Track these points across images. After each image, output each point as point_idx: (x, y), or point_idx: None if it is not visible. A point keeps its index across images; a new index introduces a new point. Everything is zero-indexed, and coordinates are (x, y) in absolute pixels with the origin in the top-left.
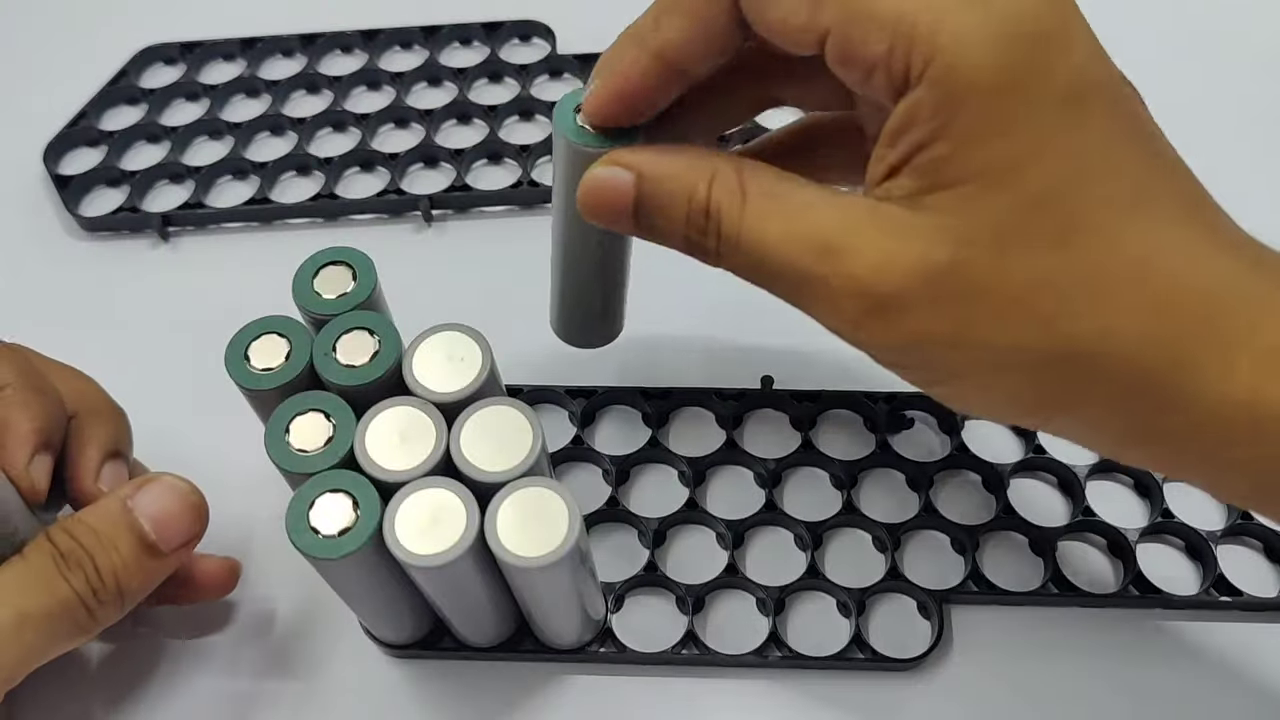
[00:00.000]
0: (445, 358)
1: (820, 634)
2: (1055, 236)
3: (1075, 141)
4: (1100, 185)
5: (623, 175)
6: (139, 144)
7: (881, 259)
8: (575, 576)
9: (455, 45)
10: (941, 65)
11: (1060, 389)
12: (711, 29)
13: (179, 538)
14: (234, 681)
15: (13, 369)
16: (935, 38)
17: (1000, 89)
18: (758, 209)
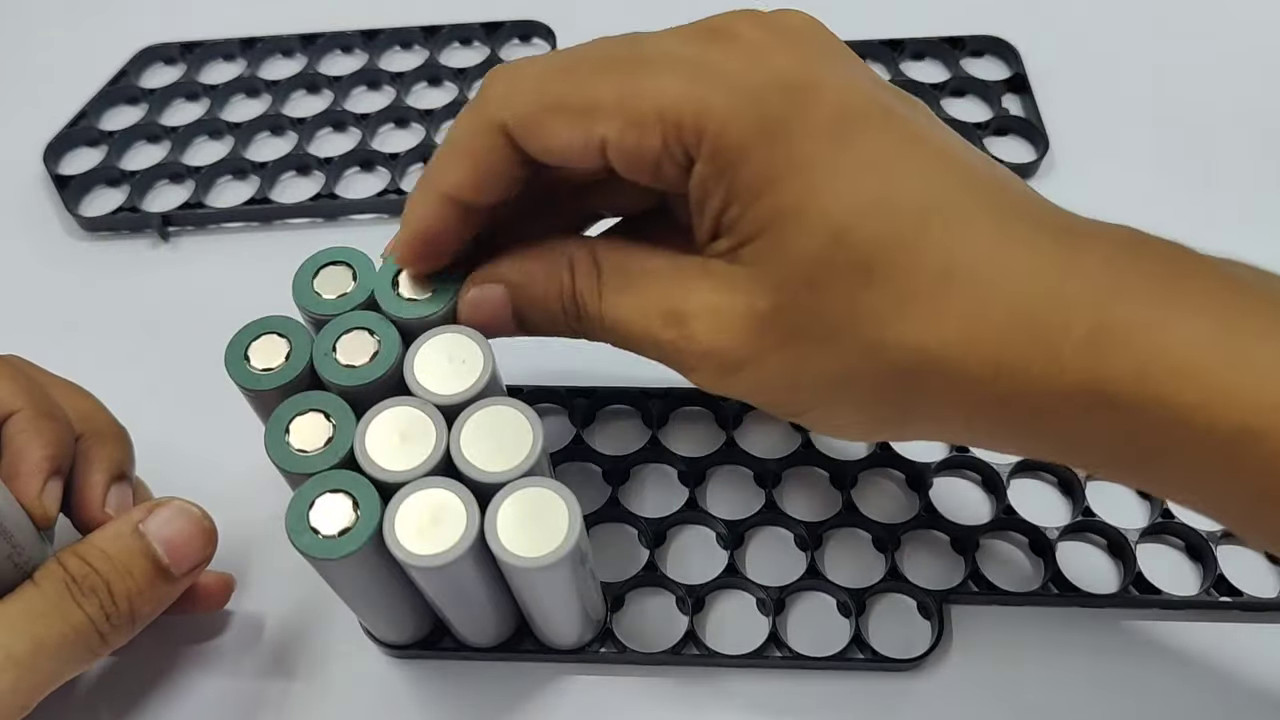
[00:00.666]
0: (446, 360)
1: (820, 634)
2: (857, 264)
3: (847, 167)
4: (885, 206)
5: (493, 290)
6: (139, 144)
7: (716, 320)
8: (575, 576)
9: (455, 45)
10: (710, 139)
11: (900, 406)
12: (492, 167)
13: (190, 561)
14: (234, 681)
15: (21, 392)
16: (698, 120)
17: (764, 140)
18: (611, 287)
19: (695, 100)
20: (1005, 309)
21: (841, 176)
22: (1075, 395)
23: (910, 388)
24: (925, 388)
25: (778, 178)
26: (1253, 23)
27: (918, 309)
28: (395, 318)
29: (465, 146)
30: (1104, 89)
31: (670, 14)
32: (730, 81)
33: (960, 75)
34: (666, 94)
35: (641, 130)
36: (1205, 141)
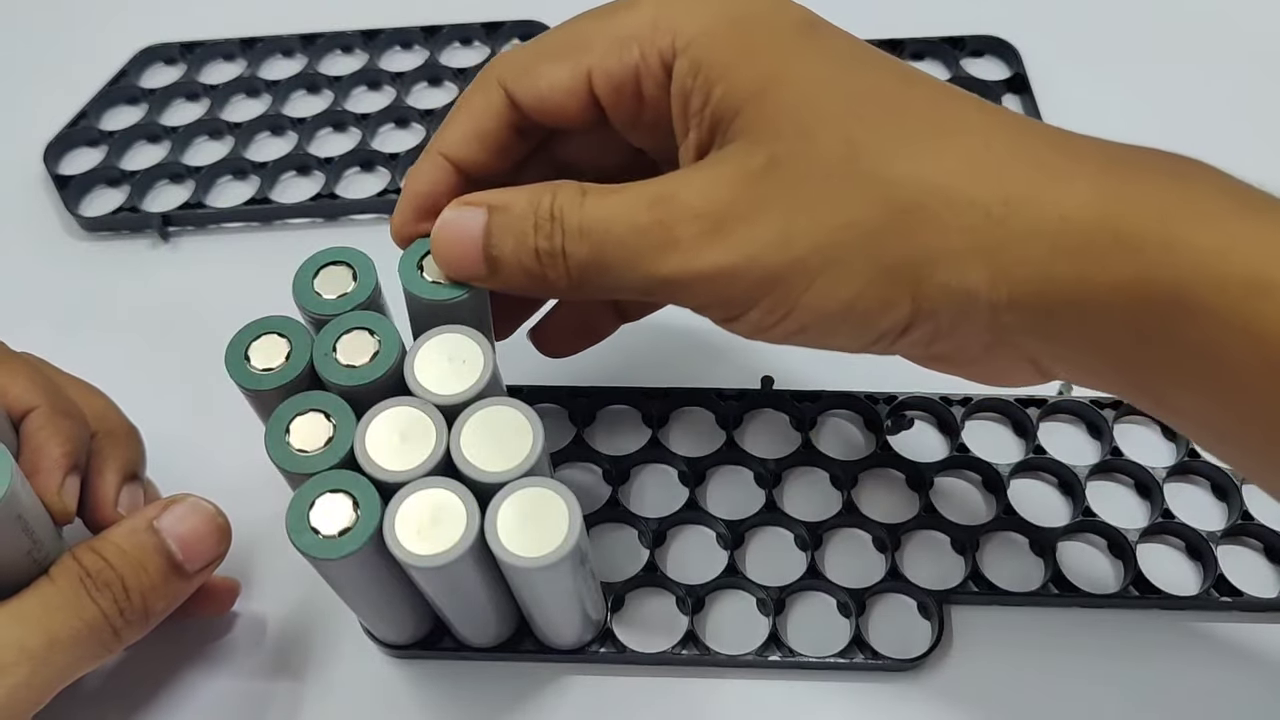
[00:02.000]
0: (446, 360)
1: (820, 634)
2: (848, 110)
3: (819, 47)
4: (865, 67)
5: (474, 211)
6: (139, 144)
7: (705, 184)
8: (575, 576)
9: (455, 45)
10: (686, 36)
11: (909, 270)
12: (487, 124)
13: (204, 558)
14: (234, 682)
15: (39, 390)
16: (673, 21)
17: (734, 30)
18: (596, 198)
19: (667, 14)
20: (1006, 148)
21: (817, 50)
22: (1094, 232)
23: (916, 234)
24: (932, 230)
25: (754, 53)
26: (1252, 23)
27: (915, 145)
28: (422, 297)
29: (464, 105)
30: (1104, 89)
31: None
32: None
33: (960, 75)
34: (643, 15)
35: (621, 49)
36: (1205, 142)
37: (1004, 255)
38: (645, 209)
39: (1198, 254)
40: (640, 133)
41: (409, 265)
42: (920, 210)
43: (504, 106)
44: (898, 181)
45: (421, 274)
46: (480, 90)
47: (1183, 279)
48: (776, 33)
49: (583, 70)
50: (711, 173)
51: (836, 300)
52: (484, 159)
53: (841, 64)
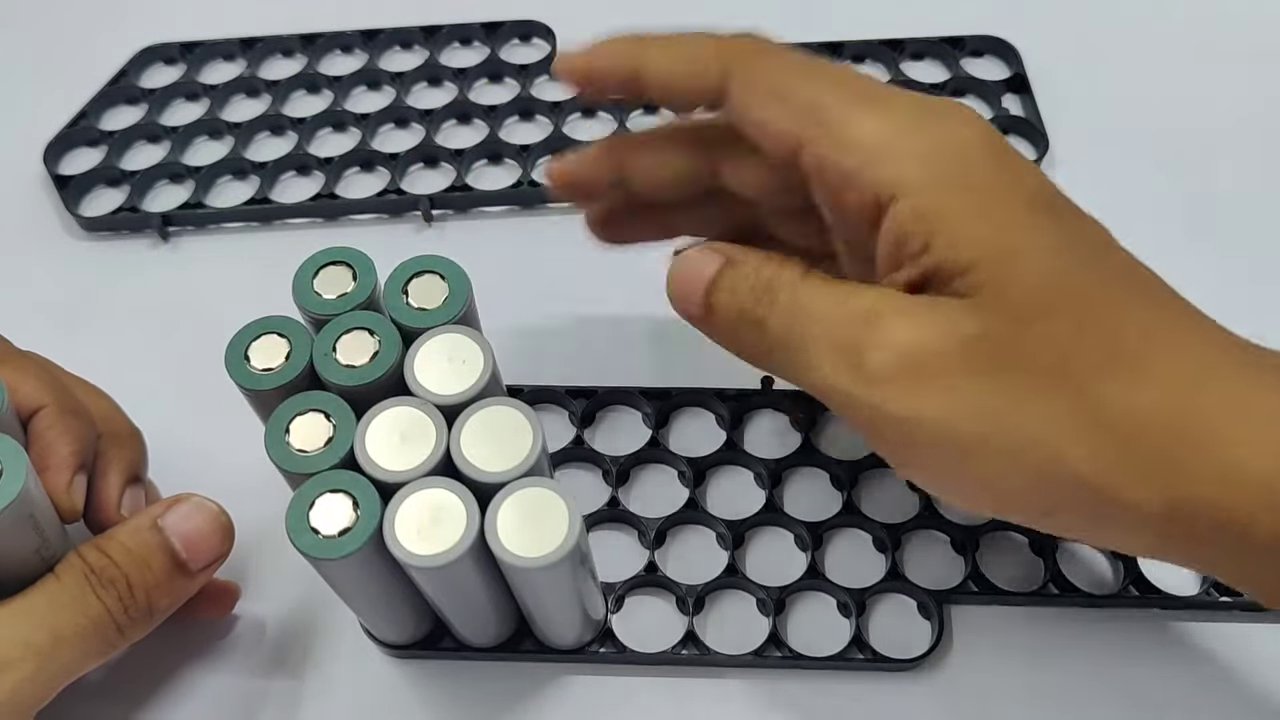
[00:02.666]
0: (446, 360)
1: (820, 634)
2: (1071, 310)
3: (1056, 229)
4: (1098, 267)
5: (713, 257)
6: (139, 144)
7: (917, 326)
8: (575, 576)
9: (455, 45)
10: (915, 182)
11: (1089, 475)
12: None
13: (208, 556)
14: (234, 681)
15: (46, 389)
16: (902, 163)
17: (976, 187)
18: (816, 283)
19: (899, 149)
20: (1219, 385)
21: (1051, 233)
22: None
23: (1106, 454)
24: (1126, 454)
25: (989, 219)
26: (1252, 22)
27: (1128, 367)
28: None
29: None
30: (1104, 89)
31: (670, 14)
32: (933, 139)
33: (960, 75)
34: (875, 133)
35: (840, 150)
36: (1205, 141)
37: (1195, 489)
38: (853, 320)
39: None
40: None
41: (394, 291)
42: (1117, 433)
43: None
44: (1104, 402)
45: (406, 299)
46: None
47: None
48: (1013, 203)
49: (792, 136)
50: (926, 318)
51: (1004, 486)
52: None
53: (1073, 254)
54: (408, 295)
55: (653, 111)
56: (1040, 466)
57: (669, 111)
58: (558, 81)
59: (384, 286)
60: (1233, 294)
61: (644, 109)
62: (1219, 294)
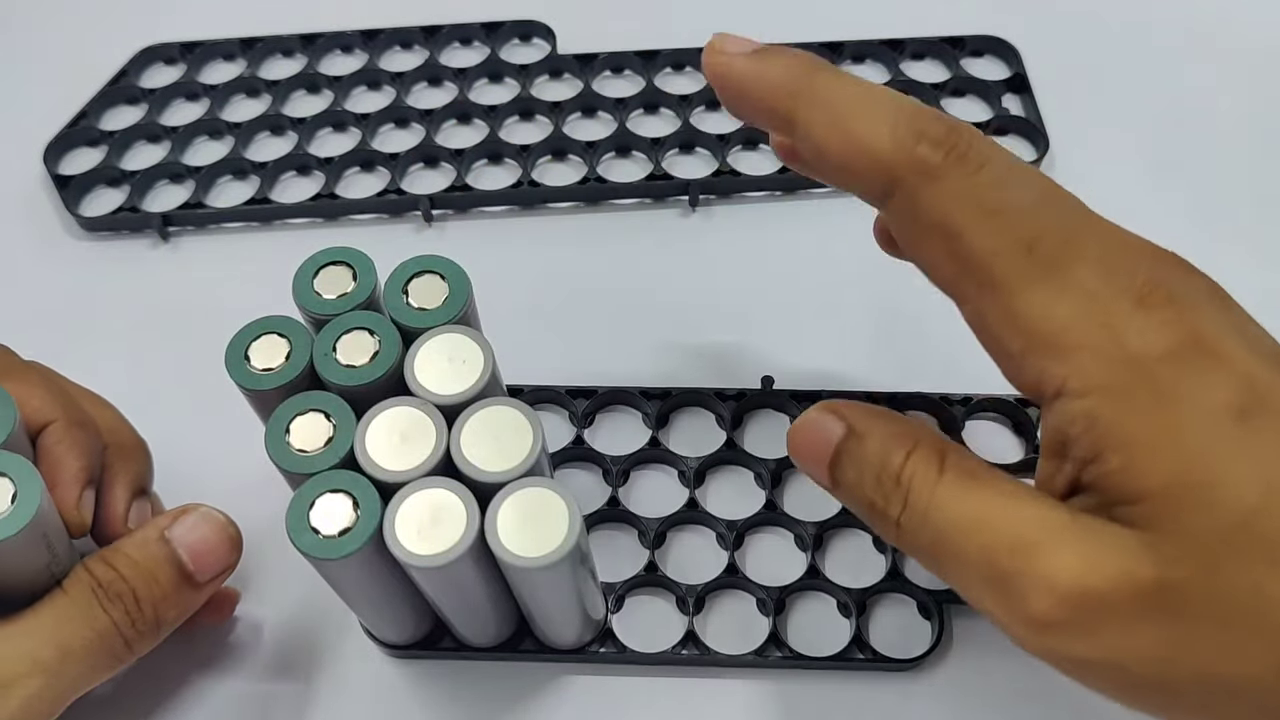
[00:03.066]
0: (446, 360)
1: (820, 634)
2: (1270, 547)
3: (1256, 449)
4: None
5: (834, 424)
6: (139, 144)
7: (1083, 565)
8: (575, 576)
9: (455, 45)
10: (1091, 379)
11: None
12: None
13: (215, 568)
14: (234, 681)
15: (55, 403)
16: (1076, 355)
17: (1163, 397)
18: (953, 486)
19: (1079, 333)
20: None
21: (1247, 460)
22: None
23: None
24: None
25: (1166, 442)
26: (1252, 22)
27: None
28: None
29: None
30: (1104, 89)
31: (671, 15)
32: (1117, 342)
33: (960, 75)
34: (1052, 317)
35: (1003, 323)
36: (1205, 141)
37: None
38: (1003, 547)
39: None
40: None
41: (394, 291)
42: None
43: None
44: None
45: (406, 299)
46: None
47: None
48: (1207, 420)
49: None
50: (1093, 553)
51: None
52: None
53: (1275, 477)
54: (408, 295)
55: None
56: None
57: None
58: (706, 73)
59: (384, 286)
60: (1233, 294)
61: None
62: None
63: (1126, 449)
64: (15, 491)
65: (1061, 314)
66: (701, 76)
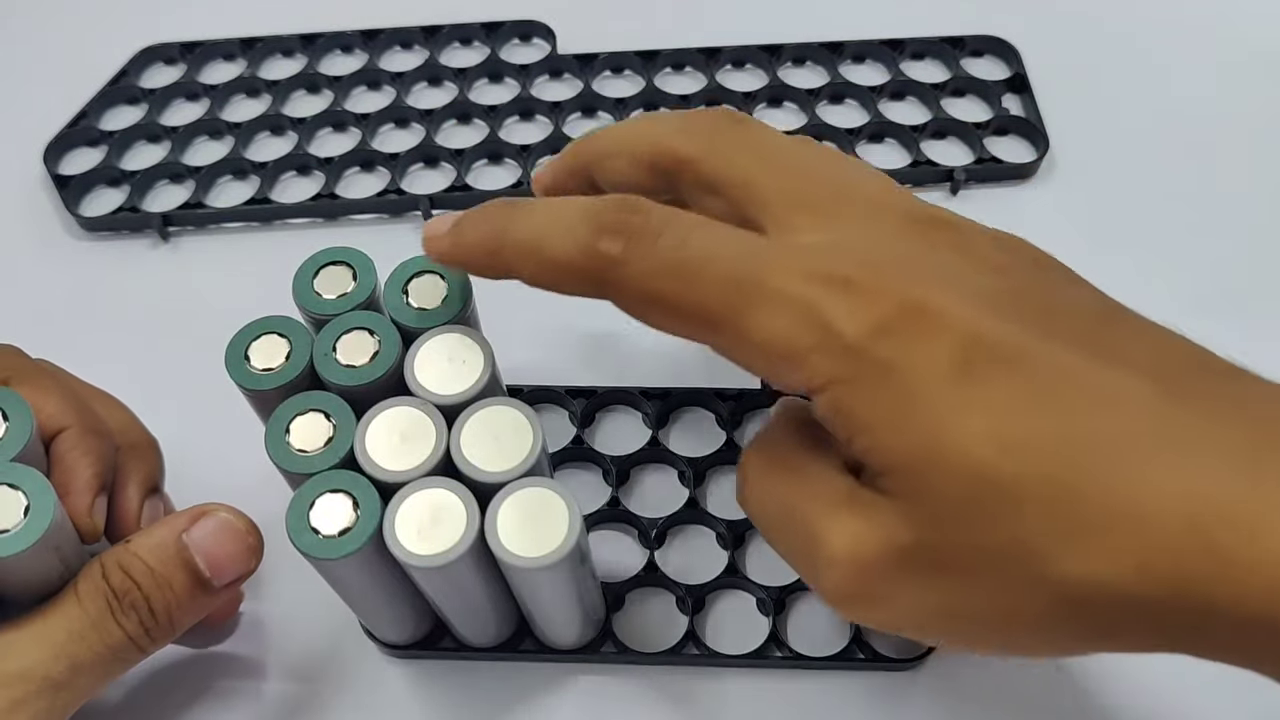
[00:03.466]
0: (446, 360)
1: (820, 634)
2: (1006, 501)
3: (978, 406)
4: (1027, 446)
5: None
6: (139, 144)
7: (853, 539)
8: (575, 576)
9: (455, 45)
10: (827, 376)
11: (1078, 632)
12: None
13: (231, 574)
14: (234, 681)
15: (69, 408)
16: (821, 359)
17: (889, 374)
18: (765, 476)
19: (799, 356)
20: (1181, 535)
21: (971, 415)
22: (1268, 629)
23: (1082, 616)
24: (1099, 614)
25: (897, 420)
26: (1252, 21)
27: (1080, 542)
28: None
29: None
30: (1104, 89)
31: (671, 15)
32: (832, 336)
33: (960, 75)
34: (776, 338)
35: (744, 354)
36: (1205, 141)
37: (1174, 631)
38: (798, 535)
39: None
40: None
41: (394, 290)
42: (1085, 604)
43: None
44: (1060, 581)
45: (406, 299)
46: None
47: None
48: (930, 385)
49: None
50: (858, 527)
51: (990, 651)
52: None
53: (1005, 430)
54: (408, 295)
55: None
56: (1017, 637)
57: None
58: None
59: (384, 286)
60: (1233, 294)
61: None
62: (1219, 294)
63: (868, 430)
64: (28, 505)
65: (780, 327)
66: (701, 76)
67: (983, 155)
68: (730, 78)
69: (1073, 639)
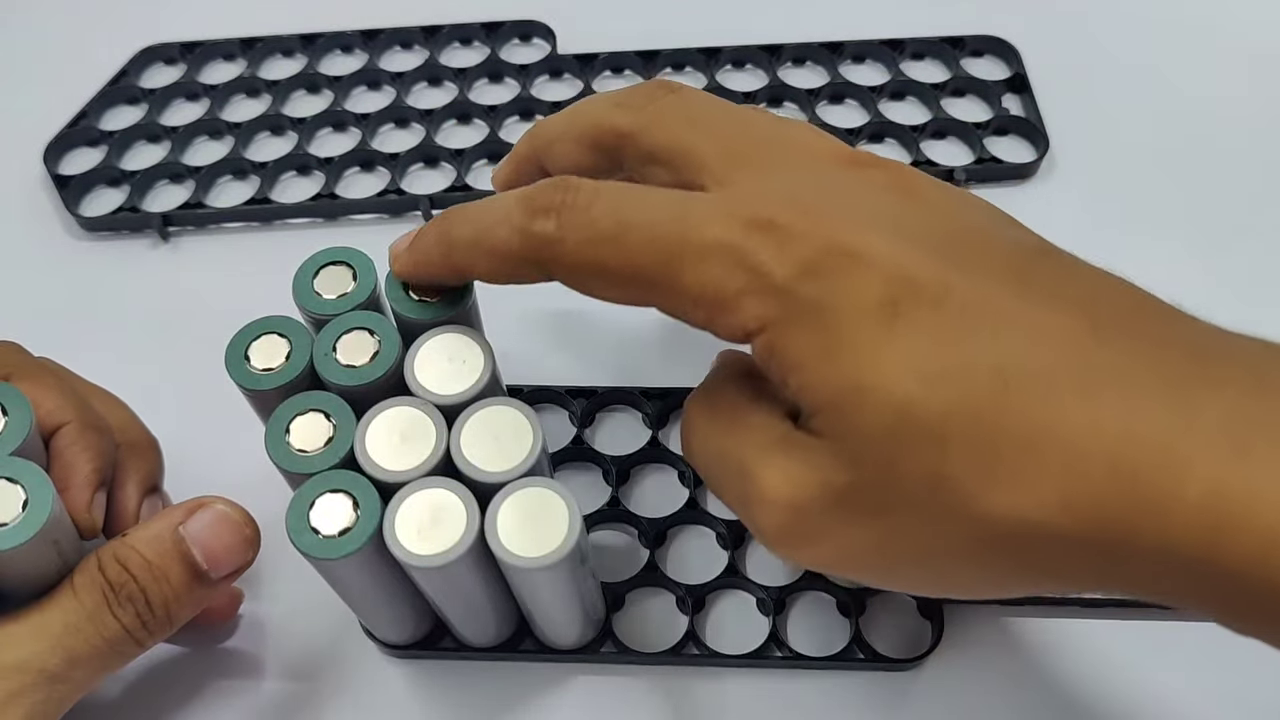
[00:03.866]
0: (446, 360)
1: (820, 634)
2: (930, 436)
3: (902, 342)
4: (949, 377)
5: None
6: (139, 144)
7: (787, 481)
8: (575, 577)
9: (455, 45)
10: (761, 319)
11: (1008, 568)
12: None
13: (229, 567)
14: (234, 681)
15: (69, 404)
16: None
17: (818, 313)
18: (705, 423)
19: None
20: (1105, 470)
21: (897, 351)
22: (1191, 564)
23: (1009, 551)
24: (1025, 550)
25: (826, 358)
26: (1252, 22)
27: (1004, 478)
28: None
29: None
30: (1104, 89)
31: (671, 15)
32: (761, 278)
33: (960, 75)
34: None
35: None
36: (1205, 141)
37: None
38: (734, 478)
39: None
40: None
41: (394, 285)
42: (1012, 539)
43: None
44: (986, 516)
45: (408, 292)
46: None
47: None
48: (857, 324)
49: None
50: (792, 469)
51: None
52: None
53: (927, 365)
54: (409, 289)
55: None
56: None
57: None
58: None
59: (385, 279)
60: (1233, 294)
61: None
62: (1219, 293)
63: (798, 370)
64: (26, 499)
65: (711, 275)
66: (701, 76)
67: (983, 155)
68: (730, 77)
69: (1004, 575)
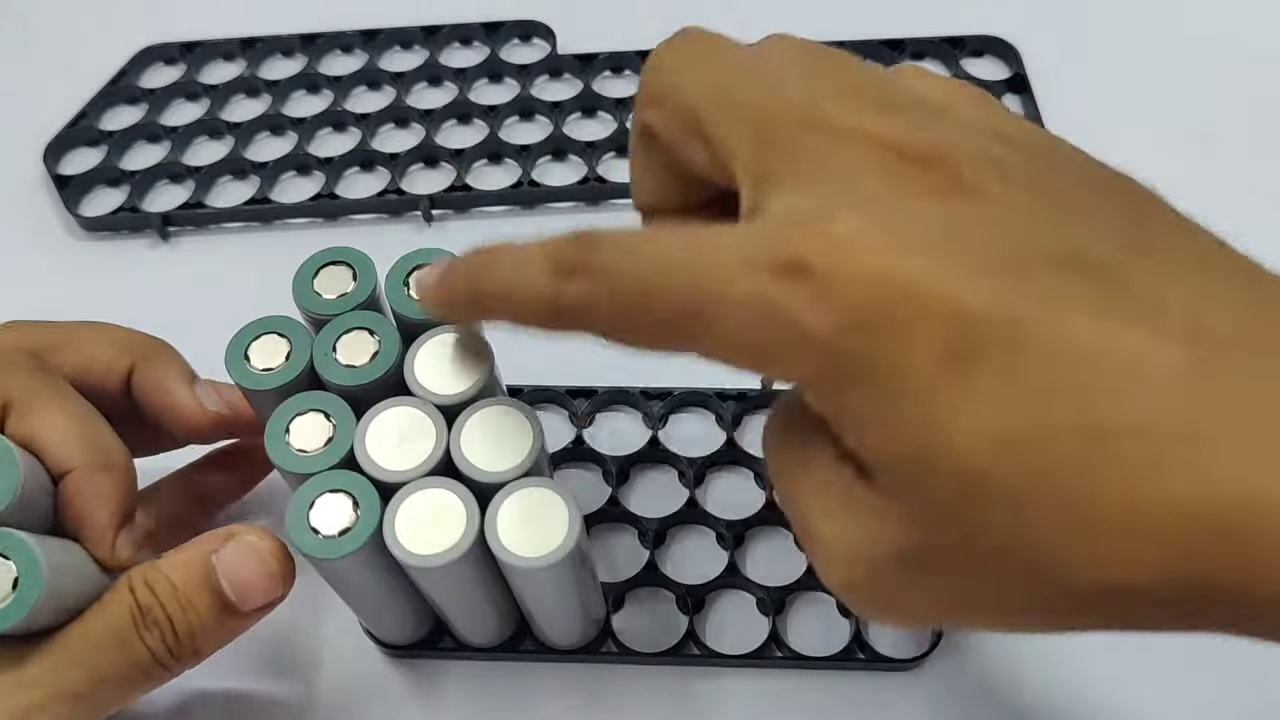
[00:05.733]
0: (447, 360)
1: (820, 634)
2: (1005, 501)
3: (969, 399)
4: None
5: None
6: (139, 144)
7: (852, 542)
8: (575, 576)
9: (455, 45)
10: (809, 369)
11: (1092, 621)
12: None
13: (259, 600)
14: (233, 681)
15: (77, 444)
16: (785, 354)
17: (864, 374)
18: (777, 458)
19: (773, 354)
20: (1215, 536)
21: (966, 411)
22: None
23: (1092, 609)
24: (1110, 606)
25: (885, 420)
26: (1252, 22)
27: (1093, 548)
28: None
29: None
30: (1104, 89)
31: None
32: (799, 333)
33: (960, 75)
34: (744, 341)
35: (727, 360)
36: (1205, 142)
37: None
38: (799, 527)
39: None
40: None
41: (395, 284)
42: (1091, 596)
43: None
44: (1070, 583)
45: (408, 291)
46: None
47: None
48: (915, 379)
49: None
50: (857, 527)
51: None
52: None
53: (1000, 425)
54: (409, 288)
55: None
56: (1023, 619)
57: None
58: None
59: (385, 279)
60: None
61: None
62: None
63: (856, 428)
64: (17, 577)
65: (748, 333)
66: None
67: None
68: None
69: (1081, 623)
